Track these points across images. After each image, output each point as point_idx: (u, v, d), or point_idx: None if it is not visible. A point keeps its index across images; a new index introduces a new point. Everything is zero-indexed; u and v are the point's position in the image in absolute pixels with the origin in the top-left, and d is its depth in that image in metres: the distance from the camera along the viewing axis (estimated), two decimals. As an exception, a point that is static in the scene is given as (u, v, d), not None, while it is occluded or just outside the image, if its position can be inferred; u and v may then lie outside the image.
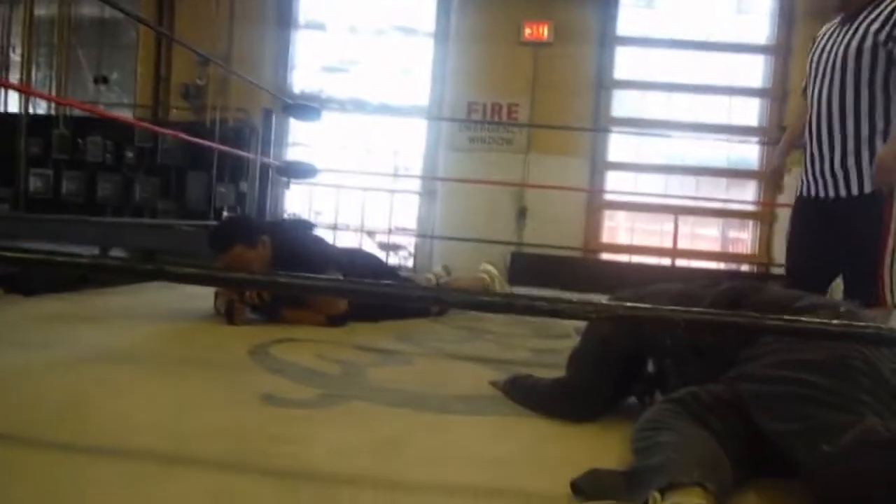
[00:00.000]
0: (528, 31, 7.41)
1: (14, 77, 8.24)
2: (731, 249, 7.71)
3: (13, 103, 8.16)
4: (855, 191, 2.55)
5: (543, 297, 1.10)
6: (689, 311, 1.18)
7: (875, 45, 2.46)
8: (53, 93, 7.55)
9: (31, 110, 7.87)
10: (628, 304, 1.11)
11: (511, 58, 7.44)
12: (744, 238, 7.62)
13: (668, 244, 7.46)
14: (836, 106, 2.57)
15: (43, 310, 2.96)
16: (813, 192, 2.70)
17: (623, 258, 7.54)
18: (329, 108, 7.25)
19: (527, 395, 1.98)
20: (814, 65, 2.70)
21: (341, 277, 3.11)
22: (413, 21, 7.97)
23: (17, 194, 7.49)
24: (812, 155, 2.68)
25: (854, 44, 2.51)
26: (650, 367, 1.85)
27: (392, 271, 4.12)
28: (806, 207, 2.75)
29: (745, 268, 7.50)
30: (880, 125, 2.49)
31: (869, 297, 2.26)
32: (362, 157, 7.87)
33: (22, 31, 8.17)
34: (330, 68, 8.05)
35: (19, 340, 2.37)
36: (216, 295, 3.07)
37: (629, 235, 7.75)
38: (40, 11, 8.24)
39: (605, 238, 7.69)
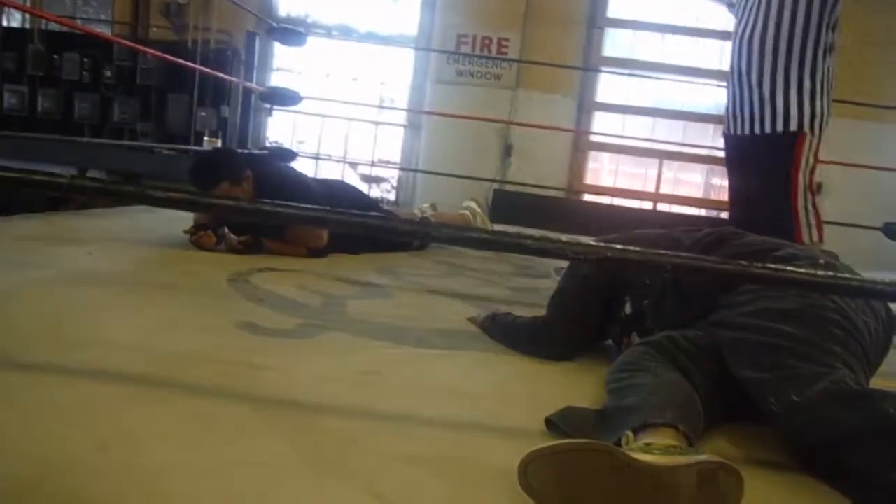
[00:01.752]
0: (521, -37, 7.23)
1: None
2: (713, 196, 7.73)
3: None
4: (768, 129, 2.57)
5: (531, 236, 1.10)
6: (678, 255, 1.18)
7: None
8: (28, 3, 7.30)
9: (4, 23, 7.63)
10: (617, 245, 1.11)
11: (503, -10, 7.28)
12: (727, 185, 7.63)
13: (651, 188, 7.46)
14: (756, 45, 2.56)
15: (19, 230, 2.92)
16: (732, 130, 2.76)
17: (605, 200, 7.55)
18: (315, 33, 7.09)
19: (505, 332, 1.99)
20: (739, 6, 2.69)
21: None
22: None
23: (-10, 110, 7.31)
24: (734, 92, 2.72)
25: None
26: (628, 308, 1.87)
27: (373, 204, 4.10)
28: (728, 144, 2.87)
29: (724, 215, 7.54)
30: (798, 65, 2.50)
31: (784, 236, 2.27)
32: (347, 86, 7.73)
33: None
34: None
35: (-3, 260, 2.34)
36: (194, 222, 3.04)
37: (613, 178, 7.74)
38: (16, -83, 7.91)
39: (589, 179, 7.67)
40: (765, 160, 2.60)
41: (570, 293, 1.90)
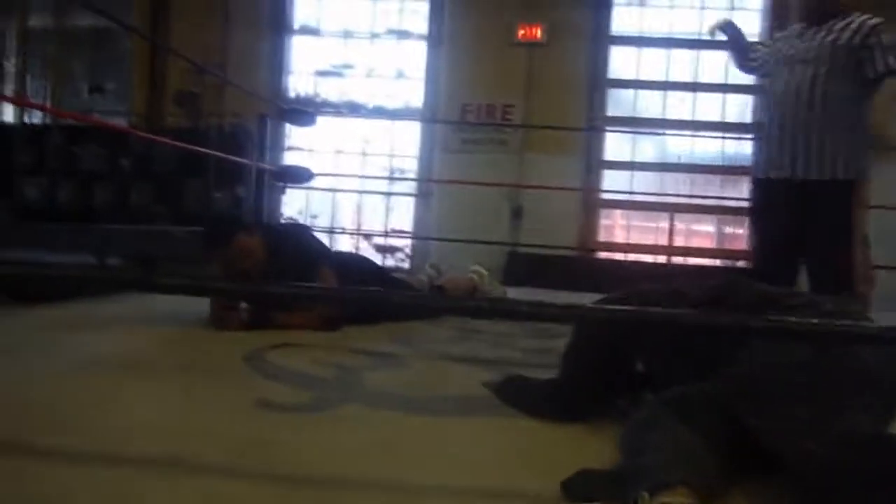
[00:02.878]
0: (521, 31, 7.43)
1: (9, 88, 8.26)
2: (726, 246, 7.72)
3: (8, 114, 8.18)
4: (827, 175, 2.72)
5: (528, 301, 1.12)
6: (674, 312, 1.20)
7: (849, 48, 2.72)
8: (48, 103, 7.56)
9: (25, 120, 7.90)
10: (613, 307, 1.13)
11: (505, 59, 7.46)
12: (739, 234, 7.64)
13: (664, 242, 7.48)
14: (810, 94, 2.78)
15: (39, 318, 2.97)
16: (781, 175, 2.87)
17: (619, 256, 7.56)
18: (324, 111, 7.27)
19: (518, 396, 1.99)
20: (782, 57, 2.93)
21: (334, 276, 3.16)
22: (406, 24, 7.99)
23: (12, 204, 7.51)
24: (781, 139, 2.86)
25: (828, 42, 2.77)
26: (639, 365, 1.87)
27: (386, 274, 4.14)
28: (771, 188, 2.92)
29: (740, 264, 7.51)
30: (853, 118, 2.74)
31: (838, 285, 2.29)
32: (358, 160, 7.88)
33: (16, 42, 8.20)
34: (324, 72, 8.06)
35: (16, 349, 2.38)
36: (211, 301, 3.08)
37: (625, 233, 7.77)
38: (34, 23, 8.27)
39: (602, 237, 7.70)
40: (825, 205, 2.72)
41: (577, 353, 1.91)
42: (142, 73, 8.01)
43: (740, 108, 7.62)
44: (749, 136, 7.41)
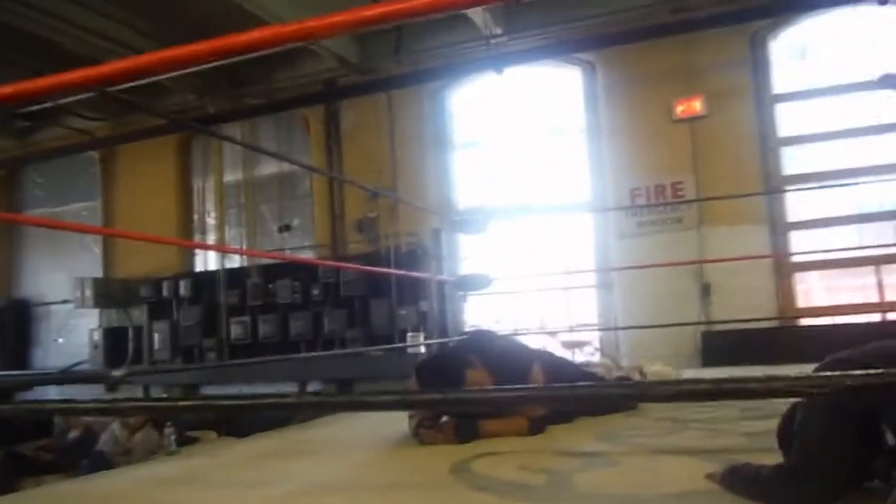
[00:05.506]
0: (679, 108, 7.32)
1: (211, 238, 9.16)
2: (950, 294, 6.93)
3: (212, 261, 9.04)
4: None
5: (755, 378, 1.02)
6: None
7: None
8: (244, 247, 8.29)
9: (226, 265, 8.67)
10: (858, 372, 1.01)
11: (666, 137, 7.35)
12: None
13: (874, 298, 6.82)
14: None
15: (255, 448, 3.13)
16: None
17: (825, 321, 6.96)
18: (494, 217, 7.42)
19: (749, 485, 1.82)
20: None
21: (543, 375, 3.14)
22: (564, 121, 8.11)
23: (220, 342, 8.16)
24: None
25: None
26: (890, 438, 1.65)
27: (580, 368, 4.04)
28: None
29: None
30: None
31: None
32: (534, 260, 7.92)
33: (214, 196, 9.13)
34: (490, 180, 8.30)
35: (235, 480, 2.51)
36: (409, 417, 3.12)
37: (827, 296, 7.18)
38: (227, 178, 9.21)
39: (801, 303, 7.16)
40: None
41: (815, 429, 1.71)
42: (322, 207, 8.62)
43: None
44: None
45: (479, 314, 7.93)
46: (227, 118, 8.78)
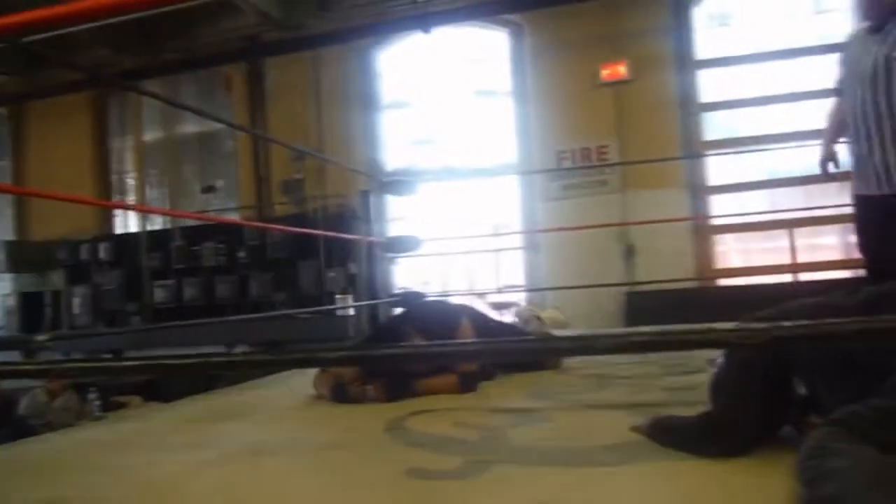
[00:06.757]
0: (605, 72, 7.41)
1: (131, 200, 8.87)
2: (856, 255, 7.29)
3: (133, 223, 8.75)
4: None
5: (693, 330, 1.07)
6: (851, 321, 1.11)
7: None
8: (167, 208, 8.06)
9: (148, 228, 8.42)
10: (784, 323, 1.05)
11: (592, 101, 7.45)
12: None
13: (786, 260, 7.14)
14: (874, 110, 2.80)
15: (185, 413, 3.08)
16: (867, 191, 2.93)
17: (741, 281, 7.26)
18: (423, 179, 7.41)
19: (673, 435, 1.90)
20: (848, 70, 2.97)
21: (473, 330, 3.20)
22: (491, 83, 8.12)
23: (143, 306, 7.96)
24: (862, 155, 2.93)
25: (882, 53, 2.75)
26: (800, 388, 1.75)
27: (509, 326, 4.11)
28: (866, 203, 2.97)
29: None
30: None
31: None
32: (462, 222, 7.96)
33: (133, 156, 8.82)
34: (418, 141, 8.27)
35: (167, 444, 2.46)
36: (317, 380, 3.13)
37: (744, 257, 7.47)
38: (147, 137, 8.90)
39: (719, 264, 7.43)
40: None
41: (731, 381, 1.80)
42: (247, 168, 8.44)
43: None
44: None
45: (408, 276, 7.94)
46: (146, 74, 8.45)
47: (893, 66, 2.73)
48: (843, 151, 3.30)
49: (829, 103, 3.38)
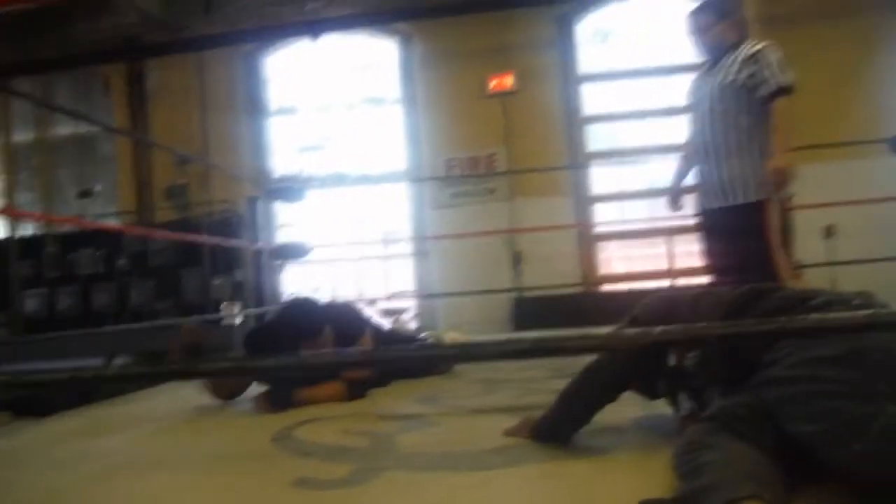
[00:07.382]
0: (493, 83, 7.56)
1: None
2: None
3: (1, 228, 8.22)
4: (740, 200, 3.19)
5: (570, 337, 1.11)
6: (722, 325, 1.19)
7: (733, 84, 3.16)
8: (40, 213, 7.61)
9: (19, 233, 7.92)
10: (656, 329, 1.12)
11: (480, 111, 7.57)
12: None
13: (664, 266, 7.48)
14: (710, 134, 3.29)
15: (63, 427, 2.93)
16: (707, 205, 3.37)
17: (623, 287, 7.55)
18: (311, 186, 7.33)
19: (535, 431, 2.04)
20: (693, 100, 3.43)
21: (373, 341, 3.19)
22: (380, 91, 8.13)
23: (13, 317, 7.47)
24: (703, 174, 3.38)
25: (717, 84, 3.23)
26: (671, 359, 1.86)
27: (397, 333, 4.13)
28: (708, 215, 3.39)
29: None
30: (751, 146, 3.17)
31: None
32: (351, 228, 7.92)
33: (1, 158, 8.30)
34: (306, 148, 8.17)
35: (45, 460, 2.34)
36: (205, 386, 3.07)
37: (626, 264, 7.78)
38: (17, 138, 8.39)
39: (603, 270, 7.71)
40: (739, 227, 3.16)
41: (576, 379, 1.97)
42: (127, 173, 8.09)
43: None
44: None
45: (297, 283, 7.83)
46: (16, 71, 7.97)
47: (725, 94, 3.19)
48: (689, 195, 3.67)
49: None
